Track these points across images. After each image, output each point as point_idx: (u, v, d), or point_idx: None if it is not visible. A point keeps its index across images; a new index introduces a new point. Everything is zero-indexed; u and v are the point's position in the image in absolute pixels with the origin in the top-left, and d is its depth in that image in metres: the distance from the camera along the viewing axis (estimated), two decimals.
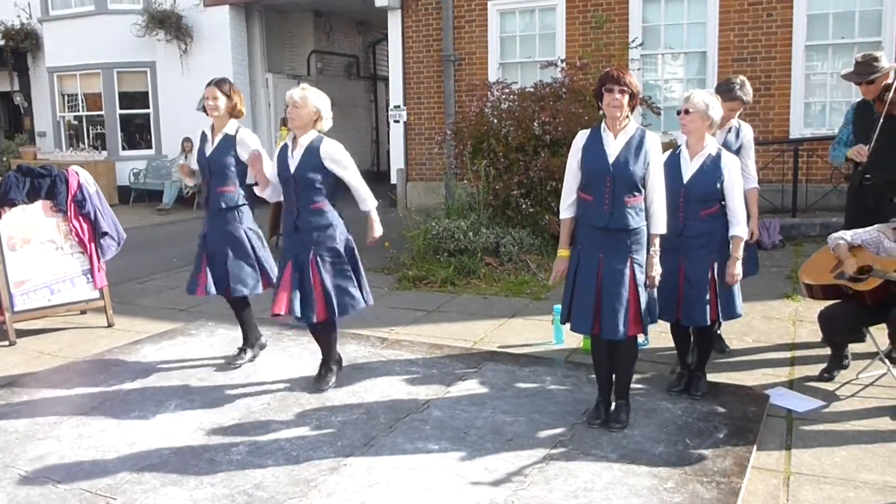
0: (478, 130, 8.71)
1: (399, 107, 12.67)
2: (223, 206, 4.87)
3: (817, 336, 5.00)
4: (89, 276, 6.28)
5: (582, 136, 3.95)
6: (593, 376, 4.43)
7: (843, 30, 9.90)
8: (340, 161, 4.47)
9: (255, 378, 4.89)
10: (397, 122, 12.74)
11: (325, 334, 4.68)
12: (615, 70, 3.82)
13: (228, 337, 5.71)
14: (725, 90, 4.76)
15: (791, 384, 4.65)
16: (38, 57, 15.86)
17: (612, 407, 4.08)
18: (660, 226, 3.85)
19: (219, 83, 4.85)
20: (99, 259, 6.30)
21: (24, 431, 4.17)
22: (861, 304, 4.42)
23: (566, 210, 4.01)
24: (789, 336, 5.57)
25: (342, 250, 4.51)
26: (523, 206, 8.17)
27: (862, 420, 4.12)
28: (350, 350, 5.39)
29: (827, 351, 4.81)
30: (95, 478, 3.60)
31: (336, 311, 4.46)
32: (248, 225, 4.95)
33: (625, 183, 3.77)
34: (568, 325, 4.03)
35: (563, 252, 4.01)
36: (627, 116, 3.83)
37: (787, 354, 5.19)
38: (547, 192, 8.07)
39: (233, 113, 4.87)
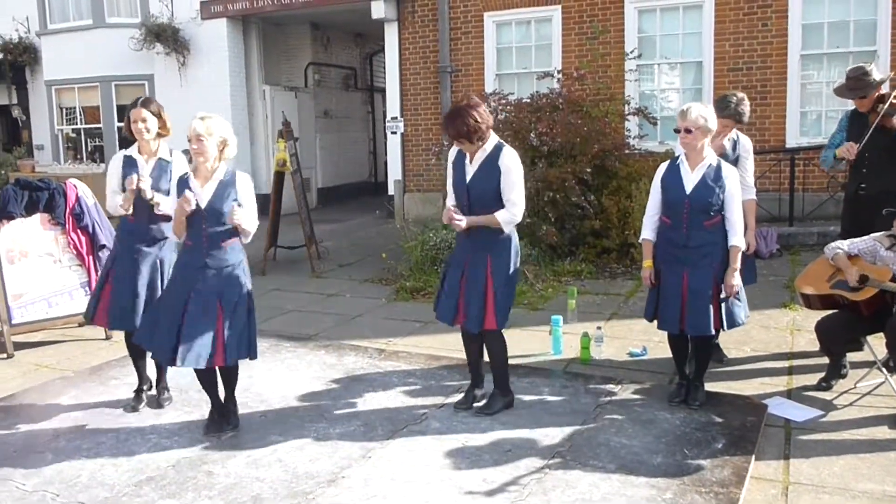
0: None
1: (396, 118, 12.69)
2: (165, 234, 4.51)
3: (815, 345, 5.00)
4: (87, 288, 6.27)
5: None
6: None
7: (837, 39, 9.94)
8: (248, 197, 4.14)
9: (252, 391, 4.88)
10: (394, 133, 12.75)
11: (227, 378, 4.29)
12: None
13: None
14: (721, 106, 4.76)
15: (789, 393, 4.66)
16: (36, 70, 15.88)
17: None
18: (504, 217, 4.17)
19: (145, 103, 4.47)
20: (97, 272, 6.30)
21: (22, 445, 4.16)
22: (857, 313, 4.43)
23: None
24: (787, 345, 5.57)
25: (248, 290, 4.20)
26: None
27: (860, 429, 4.12)
28: (348, 361, 5.40)
29: (825, 360, 4.81)
30: (93, 491, 3.60)
31: (234, 355, 4.10)
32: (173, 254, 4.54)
33: (480, 201, 4.20)
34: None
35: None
36: (479, 140, 4.16)
37: (785, 364, 5.20)
38: (544, 203, 8.08)
39: (161, 132, 4.53)
